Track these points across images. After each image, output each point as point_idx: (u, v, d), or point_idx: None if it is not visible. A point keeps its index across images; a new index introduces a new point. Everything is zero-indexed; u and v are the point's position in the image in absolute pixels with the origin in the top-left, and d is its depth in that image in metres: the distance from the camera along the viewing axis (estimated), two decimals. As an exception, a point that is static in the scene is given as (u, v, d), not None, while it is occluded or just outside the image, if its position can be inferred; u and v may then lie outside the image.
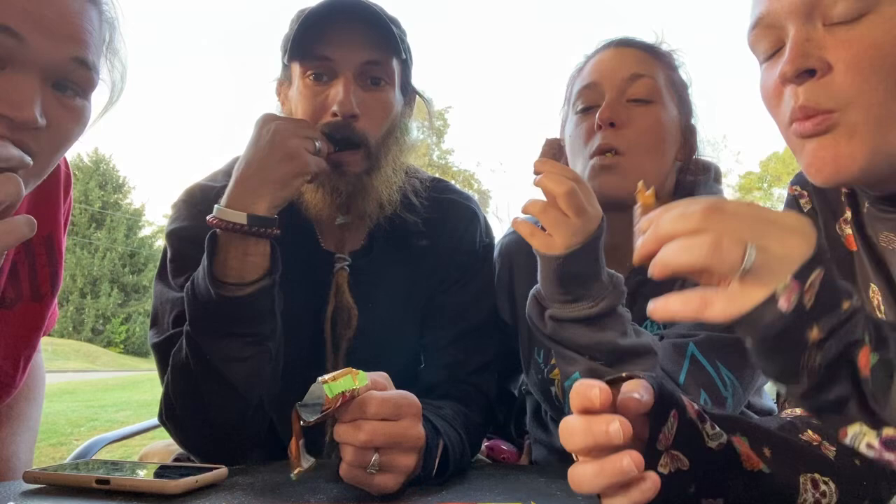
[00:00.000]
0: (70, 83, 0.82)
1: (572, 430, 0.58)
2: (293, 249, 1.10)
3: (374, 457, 0.77)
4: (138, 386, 11.55)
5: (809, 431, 0.79)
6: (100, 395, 10.32)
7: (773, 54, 0.74)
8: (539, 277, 0.99)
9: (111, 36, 0.89)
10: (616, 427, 0.56)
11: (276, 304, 0.99)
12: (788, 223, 0.57)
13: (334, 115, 1.03)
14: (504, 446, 1.33)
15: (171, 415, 1.02)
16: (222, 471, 0.88)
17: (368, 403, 0.76)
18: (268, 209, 0.95)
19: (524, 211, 0.96)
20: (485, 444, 1.33)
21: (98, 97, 0.89)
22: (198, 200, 1.09)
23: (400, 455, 0.79)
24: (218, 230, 0.95)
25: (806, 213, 0.90)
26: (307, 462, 0.76)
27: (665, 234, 0.57)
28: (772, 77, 0.73)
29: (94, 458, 1.39)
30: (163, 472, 0.88)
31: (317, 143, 0.99)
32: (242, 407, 0.99)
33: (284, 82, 1.15)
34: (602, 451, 0.57)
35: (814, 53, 0.68)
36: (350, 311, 1.12)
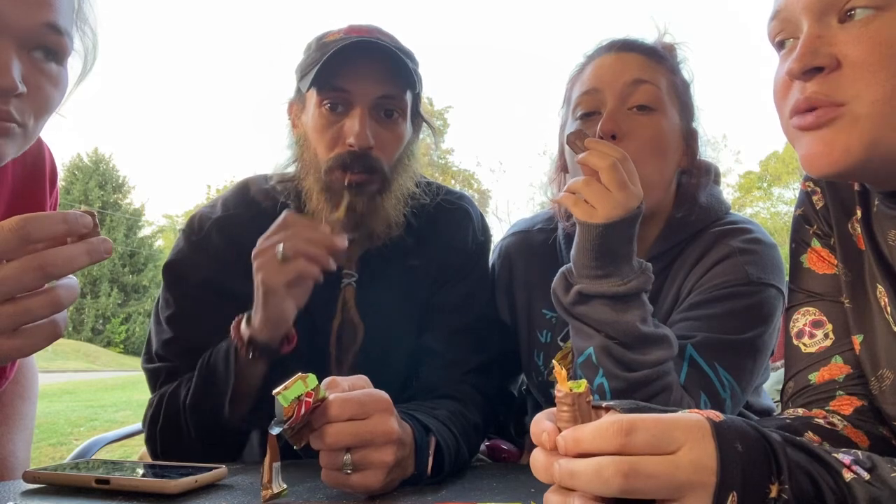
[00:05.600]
0: (45, 49, 0.82)
1: (535, 466, 0.59)
2: None
3: (346, 456, 0.79)
4: (138, 386, 11.51)
5: (810, 433, 0.79)
6: (100, 395, 10.31)
7: (788, 47, 0.74)
8: (574, 251, 1.01)
9: (80, 3, 0.89)
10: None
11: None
12: (691, 476, 0.53)
13: (350, 145, 1.07)
14: (504, 446, 1.33)
15: (151, 435, 1.08)
16: (222, 470, 0.88)
17: (330, 407, 0.78)
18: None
19: (568, 190, 0.99)
20: (485, 443, 1.33)
21: (71, 70, 0.89)
22: (195, 230, 1.17)
23: (373, 451, 0.80)
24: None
25: (818, 211, 0.90)
26: (279, 487, 0.76)
27: (580, 489, 0.55)
28: (781, 71, 0.74)
29: (93, 457, 1.40)
30: (162, 471, 0.88)
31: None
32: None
33: (297, 105, 1.18)
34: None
35: (823, 51, 0.68)
36: (356, 327, 1.15)
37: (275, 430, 0.74)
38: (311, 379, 0.76)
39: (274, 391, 0.73)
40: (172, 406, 1.05)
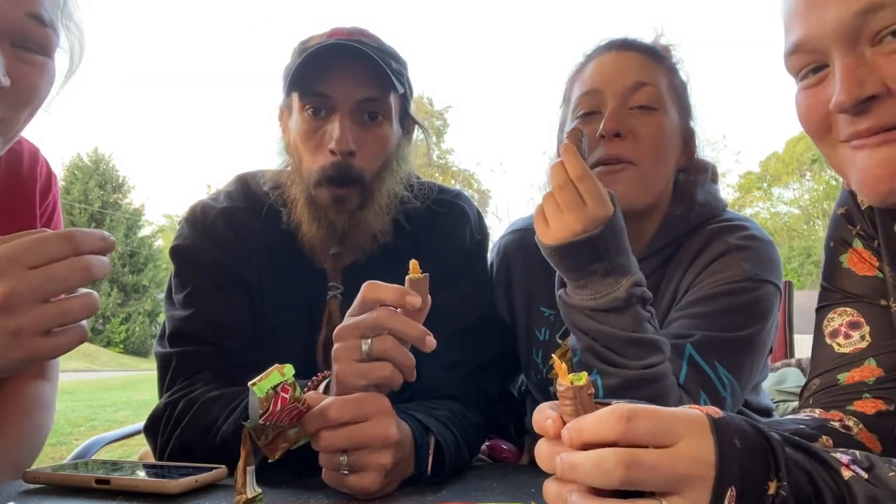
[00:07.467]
0: (29, 42, 0.81)
1: (539, 455, 0.60)
2: (288, 269, 1.14)
3: (342, 458, 0.79)
4: (138, 386, 11.54)
5: (824, 437, 0.79)
6: (99, 394, 10.32)
7: (812, 74, 0.72)
8: None
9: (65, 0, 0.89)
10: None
11: None
12: (690, 469, 0.53)
13: (332, 152, 1.05)
14: (504, 446, 1.33)
15: (154, 433, 1.03)
16: (222, 470, 0.88)
17: (329, 409, 0.78)
18: None
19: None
20: (485, 444, 1.33)
21: (59, 69, 0.89)
22: (198, 219, 1.16)
23: (370, 454, 0.80)
24: None
25: (863, 211, 0.88)
26: (252, 491, 0.74)
27: (581, 481, 0.55)
28: (816, 101, 0.71)
29: (93, 457, 1.40)
30: (162, 471, 0.88)
31: None
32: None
33: (285, 111, 1.18)
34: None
35: (868, 79, 0.67)
36: None
37: (251, 425, 0.73)
38: (289, 369, 0.75)
39: (249, 382, 0.73)
40: (203, 419, 0.98)
